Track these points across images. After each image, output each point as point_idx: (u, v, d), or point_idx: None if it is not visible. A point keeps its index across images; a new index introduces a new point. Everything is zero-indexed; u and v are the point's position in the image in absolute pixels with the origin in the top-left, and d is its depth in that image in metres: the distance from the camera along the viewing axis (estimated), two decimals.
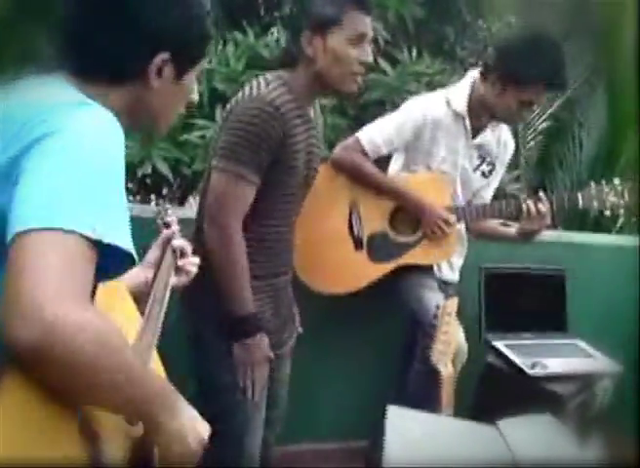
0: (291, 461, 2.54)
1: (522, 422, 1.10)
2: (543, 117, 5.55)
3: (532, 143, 5.54)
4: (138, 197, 3.82)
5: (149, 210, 1.86)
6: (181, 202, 3.80)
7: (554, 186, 5.04)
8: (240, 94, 1.76)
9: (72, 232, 0.83)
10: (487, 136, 2.42)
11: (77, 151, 0.88)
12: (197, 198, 3.97)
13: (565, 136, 5.47)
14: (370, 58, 1.75)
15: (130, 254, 0.92)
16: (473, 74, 2.40)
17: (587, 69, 5.54)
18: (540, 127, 5.57)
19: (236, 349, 1.74)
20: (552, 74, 2.21)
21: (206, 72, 3.17)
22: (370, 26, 1.74)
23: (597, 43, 5.45)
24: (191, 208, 2.11)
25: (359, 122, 2.52)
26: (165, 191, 3.74)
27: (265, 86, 1.71)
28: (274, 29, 3.65)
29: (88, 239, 0.84)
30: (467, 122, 2.36)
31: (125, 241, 0.91)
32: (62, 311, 0.79)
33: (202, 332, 1.79)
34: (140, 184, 3.71)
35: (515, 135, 5.33)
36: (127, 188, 3.79)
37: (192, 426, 1.05)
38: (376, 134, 2.34)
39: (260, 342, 1.76)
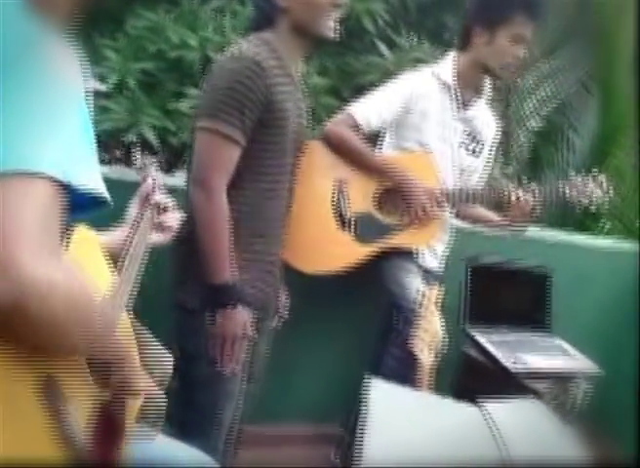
0: (259, 441, 2.49)
1: (507, 405, 1.07)
2: (537, 117, 5.55)
3: (524, 143, 5.53)
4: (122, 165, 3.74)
5: (132, 173, 1.79)
6: (168, 172, 3.72)
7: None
8: (221, 56, 1.73)
9: (42, 176, 0.77)
10: (474, 112, 2.40)
11: (38, 87, 0.81)
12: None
13: (557, 139, 5.47)
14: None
15: (100, 195, 0.86)
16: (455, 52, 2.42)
17: (584, 74, 5.53)
18: (532, 127, 5.56)
19: (213, 320, 1.68)
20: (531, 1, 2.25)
21: (200, 40, 3.10)
22: None
23: (594, 47, 5.45)
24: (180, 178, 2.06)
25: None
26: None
27: (246, 44, 1.68)
28: None
29: (57, 182, 0.79)
30: (455, 92, 2.35)
31: (95, 182, 0.85)
32: (38, 269, 0.76)
33: (184, 299, 1.74)
34: (126, 152, 3.63)
35: (508, 134, 5.35)
36: (112, 155, 3.73)
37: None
38: (367, 108, 2.31)
39: (238, 315, 1.69)
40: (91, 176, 0.85)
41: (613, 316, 2.79)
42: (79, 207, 0.87)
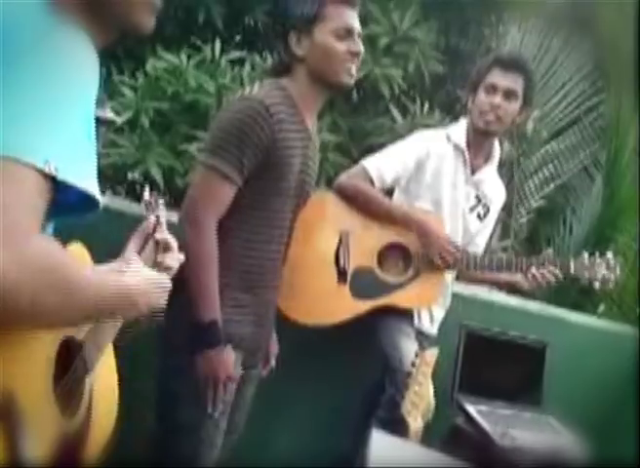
0: None
1: None
2: (537, 196, 5.61)
3: (523, 220, 5.57)
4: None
5: (135, 207, 1.77)
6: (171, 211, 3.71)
7: None
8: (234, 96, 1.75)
9: (25, 163, 0.77)
10: (483, 176, 2.43)
11: (44, 76, 0.81)
12: None
13: (556, 219, 5.52)
14: (360, 49, 1.74)
15: (91, 196, 0.85)
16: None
17: (588, 157, 5.63)
18: (533, 205, 5.62)
19: (198, 360, 1.64)
20: (502, 54, 2.73)
21: (217, 87, 3.15)
22: (356, 20, 1.74)
23: (601, 132, 5.56)
24: None
25: None
26: None
27: (258, 87, 1.69)
28: None
29: (42, 173, 0.78)
30: (467, 155, 2.37)
31: (83, 179, 0.84)
32: (10, 255, 0.74)
33: (170, 338, 1.69)
34: (129, 188, 3.63)
35: (509, 209, 5.39)
36: (114, 190, 3.72)
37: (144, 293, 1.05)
38: (381, 163, 2.32)
39: (225, 356, 1.65)
40: (84, 176, 0.84)
41: (606, 397, 2.74)
42: (68, 206, 0.86)
